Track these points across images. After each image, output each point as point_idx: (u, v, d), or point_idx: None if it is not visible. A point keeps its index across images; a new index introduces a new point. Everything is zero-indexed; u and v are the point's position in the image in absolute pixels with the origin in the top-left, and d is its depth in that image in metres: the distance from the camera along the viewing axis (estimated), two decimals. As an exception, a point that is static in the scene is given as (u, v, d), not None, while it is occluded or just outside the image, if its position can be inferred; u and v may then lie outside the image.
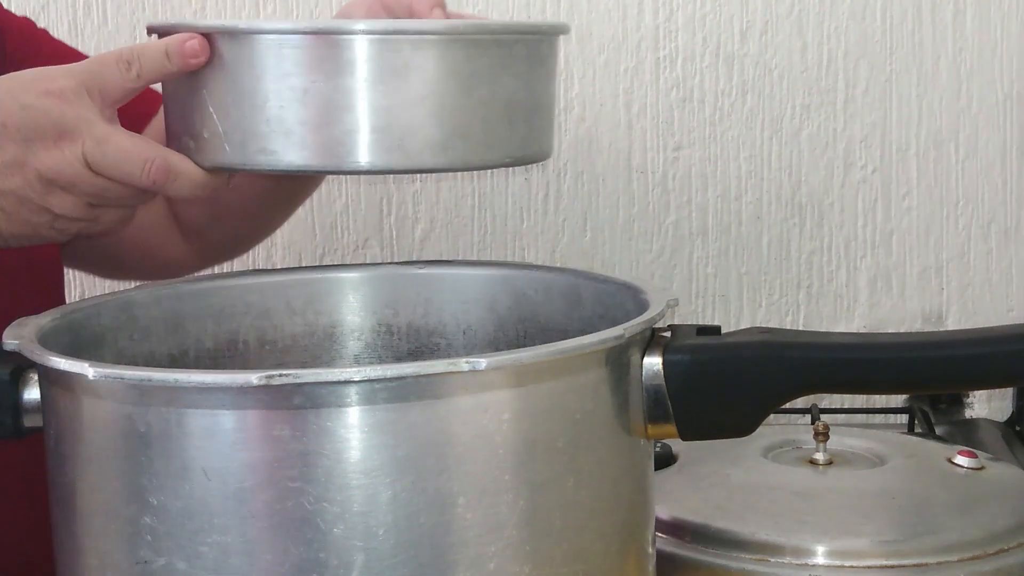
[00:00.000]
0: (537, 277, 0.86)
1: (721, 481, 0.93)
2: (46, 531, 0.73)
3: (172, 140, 0.81)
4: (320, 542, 0.63)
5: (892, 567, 0.84)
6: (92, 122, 0.76)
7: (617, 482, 0.70)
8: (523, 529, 0.65)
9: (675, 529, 0.88)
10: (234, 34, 0.76)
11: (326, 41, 0.75)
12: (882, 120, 1.36)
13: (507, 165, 0.82)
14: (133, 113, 0.84)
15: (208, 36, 0.77)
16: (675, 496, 0.91)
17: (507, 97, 0.78)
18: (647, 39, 1.36)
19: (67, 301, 0.98)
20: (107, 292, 0.85)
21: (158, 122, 0.88)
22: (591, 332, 0.68)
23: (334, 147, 0.76)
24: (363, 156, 0.76)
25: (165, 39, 0.77)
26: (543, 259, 1.37)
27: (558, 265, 1.33)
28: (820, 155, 1.37)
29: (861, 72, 1.36)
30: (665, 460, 0.95)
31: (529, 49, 0.79)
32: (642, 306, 0.75)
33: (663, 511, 0.88)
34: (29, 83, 0.77)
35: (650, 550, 0.74)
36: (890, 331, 1.36)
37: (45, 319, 0.76)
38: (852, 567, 0.84)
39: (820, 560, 0.84)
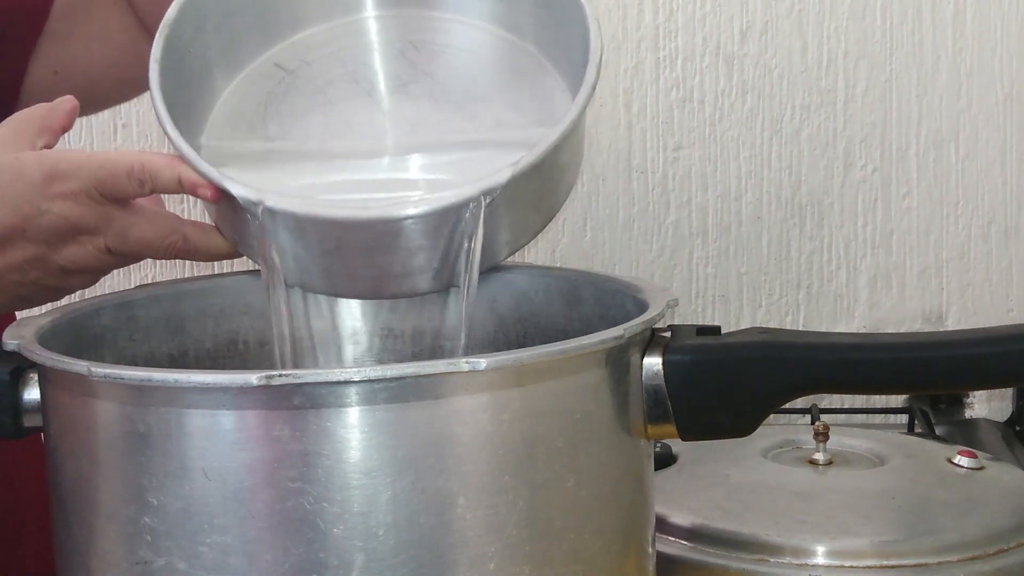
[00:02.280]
0: (537, 277, 0.86)
1: (721, 481, 0.93)
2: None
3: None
4: (320, 542, 0.63)
5: (892, 567, 0.84)
6: (111, 217, 0.77)
7: (617, 482, 0.70)
8: (523, 529, 0.65)
9: (675, 529, 0.88)
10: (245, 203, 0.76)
11: (355, 225, 0.76)
12: (882, 120, 1.36)
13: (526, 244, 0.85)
14: None
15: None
16: (675, 496, 0.90)
17: (517, 218, 0.80)
18: (647, 39, 1.36)
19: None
20: (107, 292, 0.84)
21: None
22: (591, 332, 0.68)
23: (361, 286, 0.81)
24: (394, 291, 0.81)
25: (180, 165, 0.77)
26: (543, 259, 1.37)
27: (558, 265, 1.33)
28: (820, 155, 1.37)
29: (861, 72, 1.36)
30: (665, 460, 0.95)
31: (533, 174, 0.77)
32: (642, 306, 0.75)
33: (663, 511, 0.88)
34: (40, 185, 0.76)
35: (650, 550, 0.74)
36: (890, 331, 1.36)
37: (45, 319, 0.76)
38: (852, 567, 0.84)
39: (820, 560, 0.84)
